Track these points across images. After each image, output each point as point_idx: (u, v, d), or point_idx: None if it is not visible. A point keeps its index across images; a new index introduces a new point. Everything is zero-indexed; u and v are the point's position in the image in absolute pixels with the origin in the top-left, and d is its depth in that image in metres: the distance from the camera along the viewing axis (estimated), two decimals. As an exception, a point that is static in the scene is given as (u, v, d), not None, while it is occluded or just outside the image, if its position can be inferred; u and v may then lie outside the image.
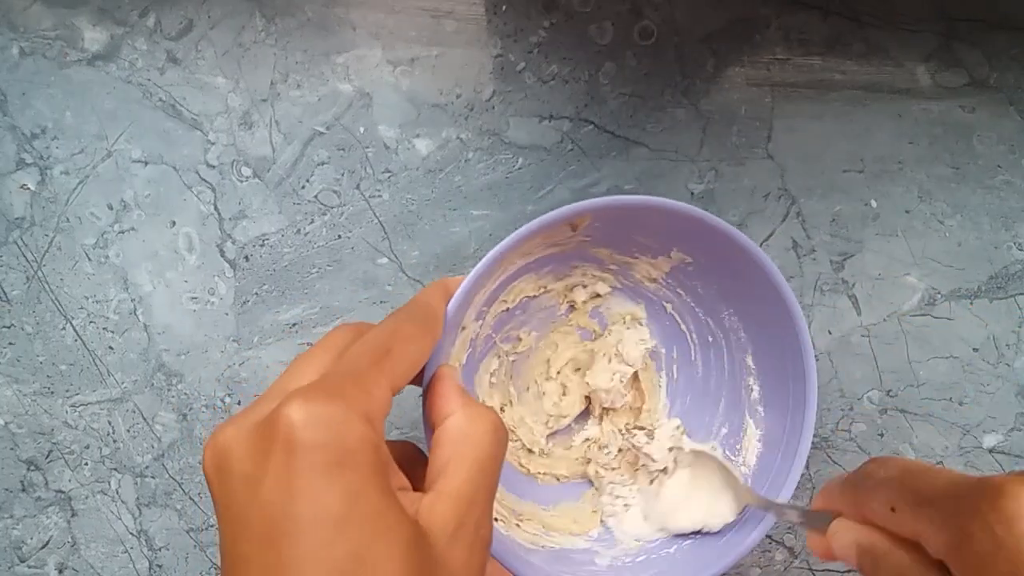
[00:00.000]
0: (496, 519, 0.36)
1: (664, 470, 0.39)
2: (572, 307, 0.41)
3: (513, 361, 0.41)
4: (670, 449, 0.39)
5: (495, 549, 0.31)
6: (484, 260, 0.31)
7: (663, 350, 0.41)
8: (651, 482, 0.39)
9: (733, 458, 0.38)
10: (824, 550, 0.27)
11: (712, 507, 0.36)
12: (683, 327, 0.40)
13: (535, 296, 0.40)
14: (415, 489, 0.25)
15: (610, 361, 0.40)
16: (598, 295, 0.41)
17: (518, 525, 0.37)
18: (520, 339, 0.41)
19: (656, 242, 0.37)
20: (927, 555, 0.22)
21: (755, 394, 0.37)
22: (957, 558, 0.21)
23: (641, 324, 0.41)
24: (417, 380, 0.29)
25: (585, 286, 0.40)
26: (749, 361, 0.37)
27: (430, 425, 0.28)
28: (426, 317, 0.29)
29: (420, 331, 0.28)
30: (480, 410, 0.27)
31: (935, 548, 0.22)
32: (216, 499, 0.23)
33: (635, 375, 0.41)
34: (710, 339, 0.39)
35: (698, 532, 0.37)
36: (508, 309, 0.39)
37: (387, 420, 0.28)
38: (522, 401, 0.41)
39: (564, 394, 0.41)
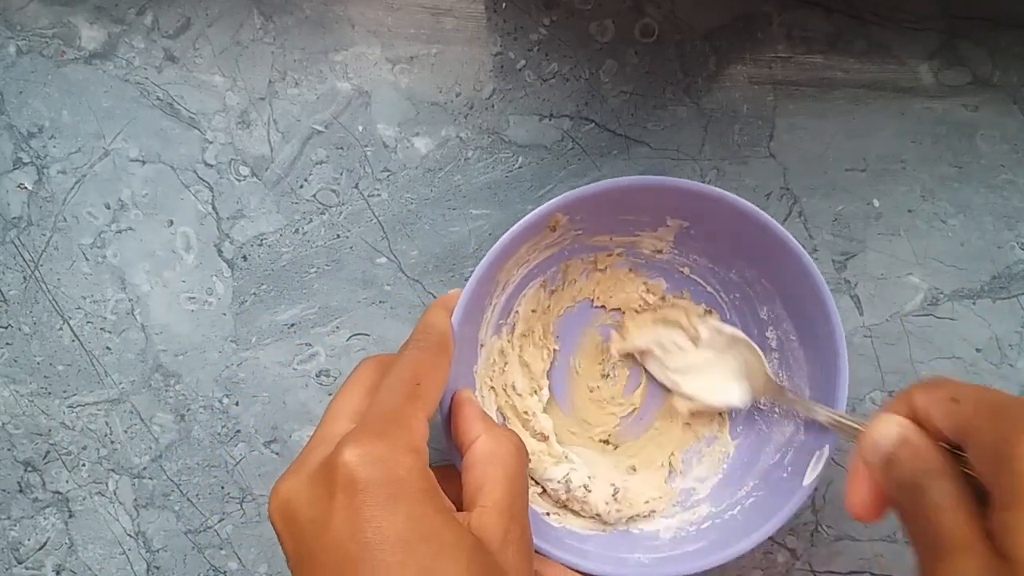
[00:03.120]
0: (547, 513, 0.37)
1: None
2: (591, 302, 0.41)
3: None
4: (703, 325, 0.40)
5: (547, 546, 0.33)
6: (472, 278, 0.33)
7: None
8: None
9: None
10: (859, 498, 0.28)
11: (722, 387, 0.38)
12: (709, 288, 0.40)
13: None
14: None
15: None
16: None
17: (578, 513, 0.38)
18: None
19: (648, 216, 0.37)
20: (958, 467, 0.25)
21: (792, 338, 0.37)
22: (1001, 452, 0.22)
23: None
24: None
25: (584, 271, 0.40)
26: (779, 308, 0.37)
27: (458, 448, 0.31)
28: (439, 340, 0.31)
29: (438, 355, 0.31)
30: (502, 432, 0.30)
31: (982, 442, 0.23)
32: (286, 544, 0.26)
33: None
34: (738, 295, 0.39)
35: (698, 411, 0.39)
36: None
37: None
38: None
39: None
